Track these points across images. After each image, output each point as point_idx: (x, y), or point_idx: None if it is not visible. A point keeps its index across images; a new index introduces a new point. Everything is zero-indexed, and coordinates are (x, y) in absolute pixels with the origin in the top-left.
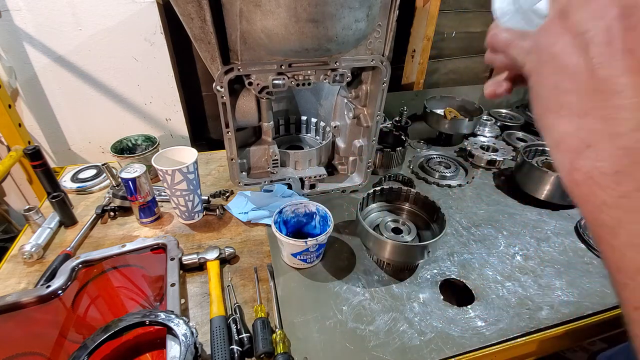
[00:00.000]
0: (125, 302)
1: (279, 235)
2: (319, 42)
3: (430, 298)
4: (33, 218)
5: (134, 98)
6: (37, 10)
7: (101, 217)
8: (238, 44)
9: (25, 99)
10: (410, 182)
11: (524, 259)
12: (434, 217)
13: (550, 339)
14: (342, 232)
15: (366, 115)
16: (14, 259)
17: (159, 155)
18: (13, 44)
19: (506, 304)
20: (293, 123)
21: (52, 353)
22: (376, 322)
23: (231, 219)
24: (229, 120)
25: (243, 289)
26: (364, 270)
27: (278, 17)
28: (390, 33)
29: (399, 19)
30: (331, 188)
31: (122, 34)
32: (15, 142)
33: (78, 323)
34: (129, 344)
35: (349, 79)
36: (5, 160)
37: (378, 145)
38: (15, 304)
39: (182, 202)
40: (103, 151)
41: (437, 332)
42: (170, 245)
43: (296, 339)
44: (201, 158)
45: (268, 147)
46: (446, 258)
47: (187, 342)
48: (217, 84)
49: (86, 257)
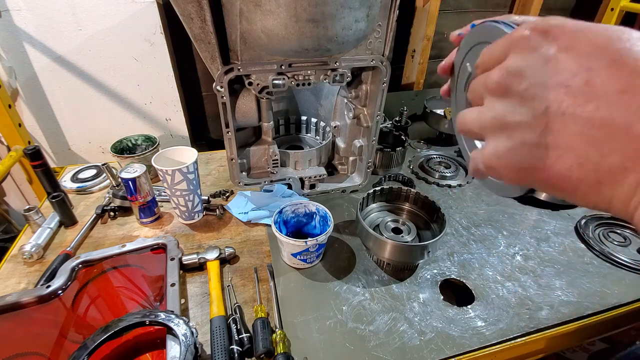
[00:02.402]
0: (125, 302)
1: (279, 235)
2: (319, 42)
3: (430, 298)
4: (33, 218)
5: (134, 98)
6: (37, 10)
7: (101, 217)
8: (238, 44)
9: (25, 99)
10: (410, 182)
11: (524, 259)
12: (434, 217)
13: (550, 339)
14: (342, 232)
15: (366, 115)
16: (14, 259)
17: (159, 155)
18: (13, 44)
19: (506, 304)
20: (293, 123)
21: (52, 353)
22: (376, 322)
23: (231, 219)
24: (229, 120)
25: (243, 289)
26: (364, 270)
27: (278, 17)
28: (390, 33)
29: (399, 19)
30: (331, 188)
31: (122, 34)
32: (15, 142)
33: (78, 323)
34: (129, 344)
35: (349, 79)
36: (5, 160)
37: (378, 145)
38: (15, 304)
39: (182, 202)
40: (103, 151)
41: (437, 332)
42: (170, 245)
43: (296, 339)
44: (201, 158)
45: (268, 147)
46: (446, 258)
47: (187, 342)
48: (217, 84)
49: (86, 257)
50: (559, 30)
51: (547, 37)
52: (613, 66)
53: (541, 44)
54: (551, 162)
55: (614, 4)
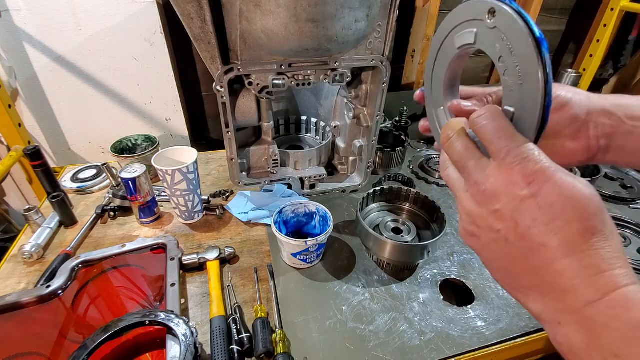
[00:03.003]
0: (125, 302)
1: (279, 235)
2: (319, 42)
3: (430, 298)
4: (33, 218)
5: (134, 98)
6: (37, 10)
7: (101, 217)
8: (238, 44)
9: (25, 99)
10: (410, 182)
11: None
12: (434, 217)
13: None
14: (342, 232)
15: (366, 115)
16: (14, 259)
17: (159, 155)
18: (13, 44)
19: (506, 304)
20: (293, 123)
21: (52, 353)
22: (376, 322)
23: (231, 219)
24: (229, 120)
25: (243, 289)
26: (364, 270)
27: (278, 17)
28: (390, 33)
29: (399, 19)
30: (331, 188)
31: (122, 34)
32: (15, 142)
33: (78, 323)
34: (129, 344)
35: (349, 79)
36: (5, 160)
37: (378, 145)
38: (15, 304)
39: (182, 202)
40: (103, 151)
41: (437, 332)
42: (170, 245)
43: (296, 339)
44: (201, 158)
45: (268, 147)
46: (446, 258)
47: (187, 342)
48: (217, 84)
49: (86, 257)
50: (540, 177)
51: (527, 183)
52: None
53: (521, 185)
54: (489, 260)
55: (614, 4)
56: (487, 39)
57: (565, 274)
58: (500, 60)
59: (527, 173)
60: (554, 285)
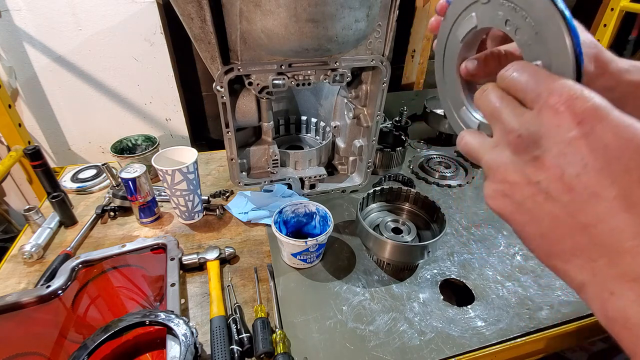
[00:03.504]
0: (125, 302)
1: (279, 235)
2: (319, 42)
3: (430, 298)
4: (33, 218)
5: (134, 98)
6: (37, 10)
7: (101, 217)
8: (238, 44)
9: (25, 99)
10: (410, 182)
11: (524, 259)
12: (434, 217)
13: (550, 339)
14: (342, 232)
15: (366, 115)
16: (14, 259)
17: (159, 155)
18: (13, 44)
19: (506, 304)
20: (293, 123)
21: (52, 353)
22: (376, 322)
23: (231, 219)
24: (229, 120)
25: (243, 289)
26: (364, 270)
27: (278, 17)
28: (390, 33)
29: (399, 19)
30: (331, 188)
31: (122, 34)
32: (15, 142)
33: (78, 323)
34: (129, 344)
35: (349, 79)
36: (5, 160)
37: (378, 145)
38: (15, 304)
39: (182, 202)
40: (103, 151)
41: (437, 332)
42: (170, 245)
43: (296, 339)
44: (201, 158)
45: (268, 147)
46: (446, 258)
47: (187, 342)
48: (217, 84)
49: (86, 257)
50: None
51: (576, 122)
52: (604, 172)
53: (569, 126)
54: (523, 223)
55: (614, 4)
56: (488, 14)
57: (624, 233)
58: (507, 24)
59: (575, 112)
60: (607, 247)
